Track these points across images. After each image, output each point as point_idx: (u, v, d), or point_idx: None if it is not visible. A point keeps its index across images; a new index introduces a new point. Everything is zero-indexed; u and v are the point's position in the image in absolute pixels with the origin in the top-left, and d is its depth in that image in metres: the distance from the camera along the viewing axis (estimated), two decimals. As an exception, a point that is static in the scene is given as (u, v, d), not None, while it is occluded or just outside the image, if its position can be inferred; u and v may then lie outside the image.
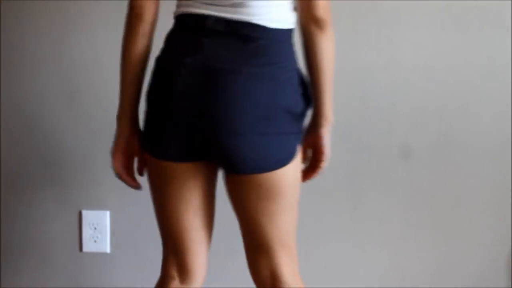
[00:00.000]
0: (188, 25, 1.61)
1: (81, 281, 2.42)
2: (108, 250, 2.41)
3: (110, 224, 2.40)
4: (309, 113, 1.69)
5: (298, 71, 1.63)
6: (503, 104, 2.27)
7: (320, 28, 1.61)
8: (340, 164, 2.32)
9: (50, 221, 2.41)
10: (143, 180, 1.76)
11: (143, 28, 1.65)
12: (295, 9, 1.62)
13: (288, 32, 1.62)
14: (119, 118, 1.73)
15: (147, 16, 1.65)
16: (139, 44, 1.66)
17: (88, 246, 2.40)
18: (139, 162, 1.74)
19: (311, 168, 1.76)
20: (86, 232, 2.40)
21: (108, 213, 2.39)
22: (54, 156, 2.38)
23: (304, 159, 1.75)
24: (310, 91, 1.65)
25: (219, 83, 1.55)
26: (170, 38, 1.64)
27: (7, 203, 2.41)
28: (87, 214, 2.39)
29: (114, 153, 1.75)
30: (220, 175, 1.70)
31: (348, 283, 2.35)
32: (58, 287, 2.41)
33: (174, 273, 1.73)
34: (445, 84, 2.28)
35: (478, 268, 2.34)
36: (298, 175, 1.68)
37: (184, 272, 1.73)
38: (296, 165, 1.65)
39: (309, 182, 2.31)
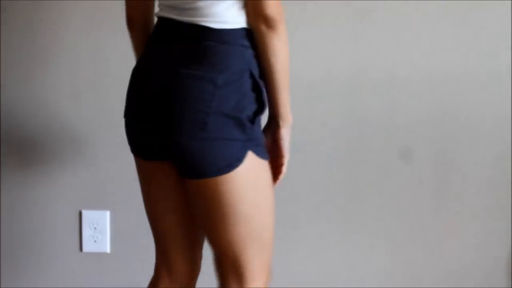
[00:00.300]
0: (156, 28, 1.64)
1: (81, 281, 2.42)
2: (108, 250, 2.41)
3: (110, 224, 2.40)
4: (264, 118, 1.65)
5: (250, 74, 1.56)
6: (504, 105, 2.27)
7: (271, 27, 1.54)
8: (341, 166, 2.32)
9: (50, 221, 2.41)
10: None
11: (136, 32, 1.71)
12: (244, 8, 1.55)
13: (237, 32, 1.55)
14: None
15: (136, 20, 1.71)
16: (136, 48, 1.74)
17: (88, 246, 2.40)
18: None
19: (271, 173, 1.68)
20: (86, 232, 2.40)
21: (108, 213, 2.39)
22: (54, 155, 2.38)
23: None
24: (264, 96, 1.59)
25: (162, 86, 1.55)
26: (149, 39, 1.68)
27: (7, 203, 2.41)
28: (87, 214, 2.39)
29: None
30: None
31: (348, 283, 2.35)
32: (58, 287, 2.41)
33: (164, 272, 1.75)
34: (445, 85, 2.28)
35: (478, 268, 2.34)
36: (254, 184, 1.59)
37: (172, 271, 1.74)
38: (248, 174, 1.57)
39: (310, 184, 2.32)
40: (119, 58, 2.29)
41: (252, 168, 1.57)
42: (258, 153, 1.58)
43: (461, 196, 2.32)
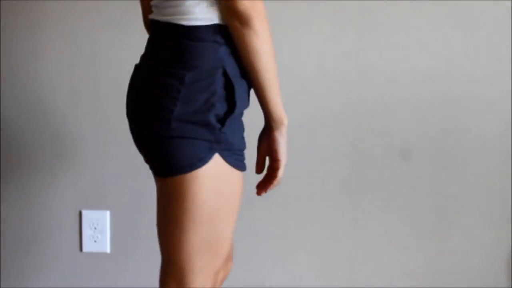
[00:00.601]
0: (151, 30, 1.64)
1: (81, 281, 2.41)
2: (108, 250, 2.41)
3: (110, 224, 2.40)
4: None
5: (224, 72, 1.49)
6: (504, 104, 2.27)
7: (245, 24, 1.45)
8: (340, 166, 2.32)
9: (50, 221, 2.40)
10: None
11: None
12: (217, 4, 1.49)
13: (209, 29, 1.49)
14: None
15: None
16: None
17: (88, 246, 2.40)
18: None
19: (266, 178, 1.61)
20: (86, 232, 2.40)
21: (108, 213, 2.39)
22: (54, 155, 2.38)
23: (261, 169, 1.62)
24: (237, 96, 1.50)
25: (140, 84, 1.55)
26: None
27: (7, 203, 2.41)
28: (87, 214, 2.39)
29: None
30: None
31: (348, 283, 2.35)
32: (58, 287, 2.41)
33: None
34: (445, 85, 2.28)
35: (478, 268, 2.34)
36: (217, 190, 1.52)
37: None
38: (212, 178, 1.50)
39: (310, 184, 2.32)
40: (120, 58, 2.29)
41: (217, 173, 1.50)
42: (228, 159, 1.51)
43: (461, 196, 2.32)
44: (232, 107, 1.50)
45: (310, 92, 2.29)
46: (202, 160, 1.48)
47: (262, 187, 1.62)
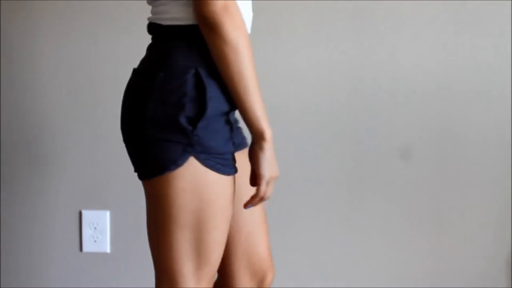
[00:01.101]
0: None
1: (81, 281, 2.41)
2: (108, 250, 2.41)
3: (110, 224, 2.40)
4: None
5: (196, 72, 1.43)
6: (503, 103, 2.27)
7: (211, 29, 1.39)
8: (341, 165, 2.32)
9: (50, 221, 2.41)
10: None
11: None
12: (191, 4, 1.43)
13: (185, 29, 1.45)
14: None
15: None
16: None
17: (88, 246, 2.40)
18: None
19: (254, 194, 1.52)
20: (86, 232, 2.40)
21: (108, 213, 2.39)
22: (54, 155, 2.38)
23: (253, 182, 1.52)
24: (210, 96, 1.43)
25: (126, 86, 1.55)
26: None
27: (7, 203, 2.41)
28: (87, 214, 2.39)
29: None
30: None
31: (349, 283, 2.35)
32: (58, 287, 2.41)
33: None
34: (445, 84, 2.28)
35: (478, 268, 2.34)
36: (198, 194, 1.45)
37: None
38: (189, 181, 1.44)
39: (309, 184, 2.32)
40: (120, 58, 2.29)
41: (194, 176, 1.44)
42: (206, 162, 1.44)
43: (461, 196, 2.32)
44: (203, 108, 1.43)
45: (310, 91, 2.29)
46: (175, 163, 1.43)
47: (247, 201, 1.54)
